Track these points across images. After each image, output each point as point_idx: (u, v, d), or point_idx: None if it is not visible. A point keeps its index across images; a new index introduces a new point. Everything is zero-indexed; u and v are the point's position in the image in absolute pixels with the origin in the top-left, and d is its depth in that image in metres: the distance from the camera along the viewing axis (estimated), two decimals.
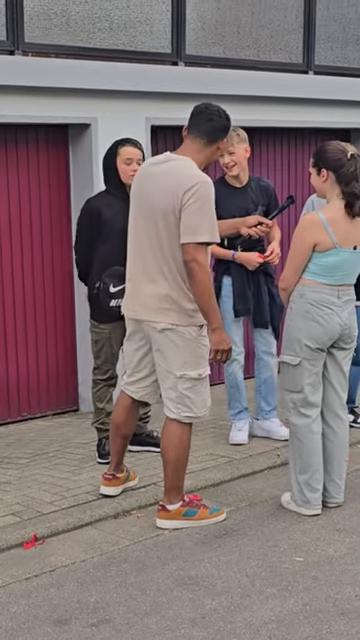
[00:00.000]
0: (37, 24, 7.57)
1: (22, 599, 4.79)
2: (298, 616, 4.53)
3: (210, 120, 5.49)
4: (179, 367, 5.53)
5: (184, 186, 5.27)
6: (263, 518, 5.83)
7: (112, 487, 6.07)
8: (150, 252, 5.49)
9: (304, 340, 5.69)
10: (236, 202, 6.92)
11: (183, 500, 5.74)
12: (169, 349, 5.52)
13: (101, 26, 7.98)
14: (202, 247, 5.31)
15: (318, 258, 5.63)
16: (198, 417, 5.67)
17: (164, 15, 8.39)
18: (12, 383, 7.92)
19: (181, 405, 5.59)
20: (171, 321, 5.46)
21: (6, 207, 7.71)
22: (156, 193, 5.41)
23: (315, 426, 5.80)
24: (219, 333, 5.49)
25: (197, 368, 5.55)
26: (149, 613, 4.60)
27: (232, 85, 8.65)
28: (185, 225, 5.29)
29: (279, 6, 9.38)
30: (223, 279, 7.04)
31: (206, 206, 5.29)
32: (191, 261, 5.30)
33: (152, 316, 5.52)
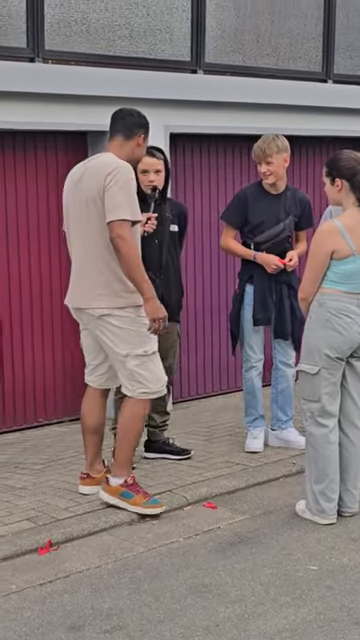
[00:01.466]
0: (57, 31, 7.60)
1: (36, 605, 4.80)
2: (312, 625, 4.52)
3: (122, 119, 5.93)
4: (123, 347, 5.79)
5: (105, 171, 5.66)
6: (278, 526, 5.82)
7: (86, 486, 6.21)
8: (82, 242, 5.84)
9: (324, 349, 5.68)
10: (268, 208, 6.97)
11: (126, 480, 5.91)
12: (111, 333, 5.81)
13: (121, 34, 8.01)
14: (125, 224, 5.61)
15: (336, 266, 5.63)
16: (154, 392, 5.88)
17: (184, 23, 8.42)
18: (28, 389, 7.94)
19: (134, 382, 5.84)
20: (107, 306, 5.75)
21: (25, 213, 7.74)
22: (83, 185, 5.78)
23: (332, 436, 5.79)
24: (152, 302, 5.71)
25: (141, 346, 5.79)
26: (163, 620, 4.60)
27: (251, 93, 8.67)
28: (108, 205, 5.61)
29: (299, 14, 9.38)
30: (246, 287, 7.06)
31: (126, 187, 5.63)
32: (116, 237, 5.60)
33: (88, 303, 5.83)
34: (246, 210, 6.97)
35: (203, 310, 9.02)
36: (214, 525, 5.85)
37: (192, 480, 6.47)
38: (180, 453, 6.97)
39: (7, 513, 5.88)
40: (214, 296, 9.09)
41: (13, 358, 7.85)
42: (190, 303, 8.88)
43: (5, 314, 7.76)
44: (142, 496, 5.92)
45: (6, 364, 7.81)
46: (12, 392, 7.88)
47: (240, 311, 7.09)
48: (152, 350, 5.83)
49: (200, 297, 8.99)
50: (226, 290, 9.08)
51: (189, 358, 8.96)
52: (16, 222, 7.72)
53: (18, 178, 7.70)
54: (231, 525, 5.86)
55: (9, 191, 7.66)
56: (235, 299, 7.17)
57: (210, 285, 9.06)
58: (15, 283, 7.77)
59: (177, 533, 5.71)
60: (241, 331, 7.13)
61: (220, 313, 9.08)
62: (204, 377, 9.13)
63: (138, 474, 6.55)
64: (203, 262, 8.97)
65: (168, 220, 6.67)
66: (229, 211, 7.11)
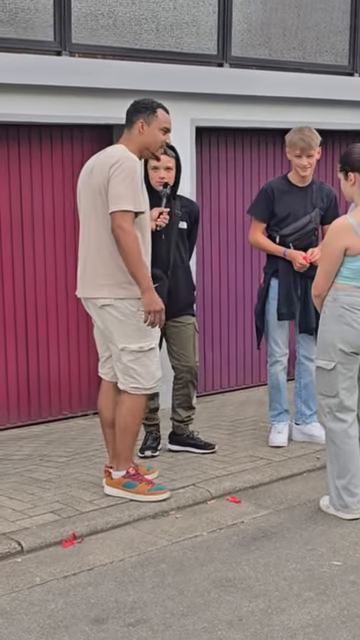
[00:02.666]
0: (84, 25, 7.61)
1: (60, 597, 4.82)
2: (335, 621, 4.52)
3: (127, 114, 5.98)
4: (120, 340, 5.84)
5: (110, 162, 5.70)
6: (302, 521, 5.82)
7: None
8: (89, 231, 5.89)
9: (338, 344, 5.68)
10: (295, 201, 6.97)
11: (127, 471, 5.97)
12: (110, 323, 5.86)
13: (147, 27, 8.01)
14: (127, 215, 5.63)
15: (350, 262, 5.62)
16: (147, 389, 5.92)
17: (210, 17, 8.40)
18: (53, 382, 7.97)
19: (127, 376, 5.90)
20: (109, 296, 5.80)
21: (51, 205, 7.76)
22: (92, 176, 5.82)
23: (352, 430, 5.78)
24: (149, 294, 5.73)
25: (139, 341, 5.83)
26: (186, 614, 4.61)
27: (277, 87, 8.65)
28: (111, 195, 5.66)
29: (325, 8, 9.35)
30: (271, 281, 7.06)
31: (129, 178, 5.65)
32: (116, 228, 5.64)
33: (91, 293, 5.91)
34: (272, 203, 6.97)
35: (228, 304, 9.02)
36: (238, 519, 5.86)
37: (216, 474, 6.48)
38: (204, 447, 6.98)
39: (32, 505, 5.91)
40: (239, 290, 9.09)
41: (39, 352, 7.87)
42: (215, 297, 8.88)
43: (30, 309, 7.78)
44: (145, 484, 6.00)
45: (31, 358, 7.84)
46: (37, 385, 7.91)
47: (265, 305, 7.09)
48: (149, 347, 5.86)
49: (225, 291, 8.98)
50: (251, 284, 9.07)
51: (213, 352, 8.96)
52: (42, 216, 7.74)
53: (44, 171, 7.72)
54: (255, 519, 5.86)
55: (35, 183, 7.68)
56: (260, 293, 7.16)
57: (235, 279, 9.05)
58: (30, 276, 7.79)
59: (201, 527, 5.72)
60: (266, 325, 7.13)
61: (245, 307, 9.08)
62: (228, 371, 9.13)
63: (162, 467, 6.58)
64: (228, 256, 8.97)
65: (177, 217, 6.69)
66: (256, 205, 7.10)
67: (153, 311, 5.73)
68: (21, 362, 7.81)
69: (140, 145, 5.89)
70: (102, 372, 6.23)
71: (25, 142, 7.61)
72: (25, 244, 7.70)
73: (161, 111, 5.94)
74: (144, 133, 5.89)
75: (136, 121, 5.89)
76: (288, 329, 7.18)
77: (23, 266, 7.71)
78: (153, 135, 5.92)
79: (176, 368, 6.87)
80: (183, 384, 6.88)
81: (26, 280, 7.74)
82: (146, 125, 5.88)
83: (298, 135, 6.89)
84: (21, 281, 7.72)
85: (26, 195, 7.65)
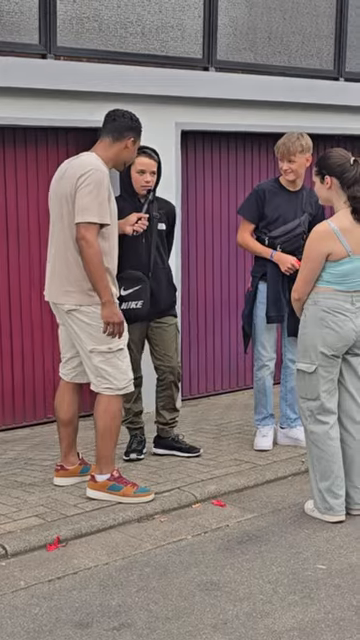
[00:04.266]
0: (69, 28, 7.60)
1: (44, 601, 4.80)
2: (320, 624, 4.52)
3: (113, 120, 6.01)
4: (89, 342, 5.93)
5: (79, 172, 5.78)
6: (286, 525, 5.82)
7: (61, 478, 6.36)
8: (57, 237, 5.96)
9: (319, 347, 5.69)
10: (285, 204, 6.98)
11: (112, 474, 6.01)
12: (77, 327, 5.95)
13: (133, 31, 8.00)
14: (92, 227, 5.71)
15: (332, 267, 5.63)
16: (119, 389, 5.98)
17: (196, 20, 8.41)
18: (38, 385, 7.95)
19: (100, 377, 5.97)
20: (74, 302, 5.90)
21: (36, 208, 7.75)
22: (62, 182, 5.91)
23: (333, 432, 5.79)
24: (109, 307, 5.82)
25: (107, 342, 5.91)
26: (170, 618, 4.60)
27: (263, 91, 8.66)
28: (77, 206, 5.74)
29: (311, 12, 9.37)
30: (259, 285, 7.06)
31: (97, 190, 5.72)
32: (81, 239, 5.72)
33: (59, 298, 5.99)
34: (263, 205, 6.98)
35: (213, 308, 9.02)
36: (223, 523, 5.85)
37: (201, 478, 6.47)
38: (189, 450, 6.98)
39: (16, 509, 5.89)
40: (224, 293, 9.09)
41: (23, 355, 7.85)
42: (200, 300, 8.88)
43: (15, 313, 7.76)
44: (131, 486, 6.03)
45: (15, 361, 7.82)
46: (22, 389, 7.89)
47: (253, 309, 7.09)
48: (117, 347, 5.92)
49: (210, 294, 8.98)
50: (236, 287, 9.08)
51: (199, 356, 8.96)
52: (27, 219, 7.73)
53: (29, 174, 7.71)
54: (240, 523, 5.86)
55: (20, 187, 7.67)
56: (248, 297, 7.16)
57: (220, 282, 9.05)
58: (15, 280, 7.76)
59: (186, 531, 5.71)
60: (254, 329, 7.13)
61: (230, 311, 9.08)
62: (213, 375, 9.13)
63: (147, 471, 6.57)
64: (214, 260, 8.97)
65: (155, 219, 6.70)
66: (246, 206, 7.11)
67: (112, 323, 5.83)
68: (5, 366, 7.79)
69: (120, 159, 6.02)
70: (62, 372, 6.33)
71: (10, 145, 7.59)
72: (10, 248, 7.68)
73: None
74: (130, 150, 6.03)
75: (127, 136, 5.97)
76: (275, 333, 7.18)
77: (8, 270, 7.69)
78: (133, 154, 6.11)
79: (159, 369, 6.88)
80: (166, 385, 6.88)
81: (11, 284, 7.72)
82: (133, 144, 6.02)
83: (282, 140, 6.94)
84: (6, 285, 7.70)
85: (11, 199, 7.64)
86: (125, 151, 5.99)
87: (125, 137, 5.96)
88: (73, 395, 6.30)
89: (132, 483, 6.07)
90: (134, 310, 6.50)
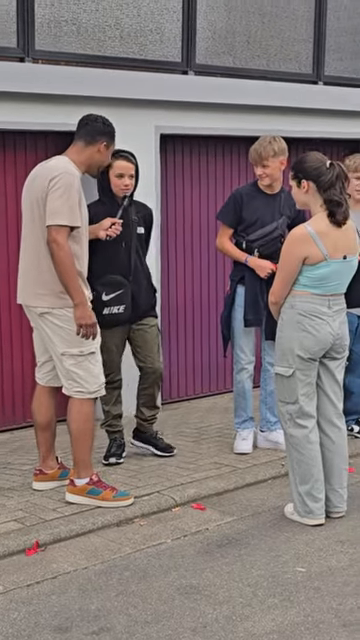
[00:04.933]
0: (48, 32, 7.59)
1: (23, 606, 4.78)
2: (300, 627, 4.52)
3: (86, 124, 6.04)
4: (60, 345, 5.92)
5: (50, 175, 5.79)
6: (266, 528, 5.82)
7: (39, 482, 6.34)
8: (27, 240, 5.98)
9: (296, 350, 5.69)
10: (263, 207, 6.96)
11: (91, 478, 6.00)
12: (50, 330, 5.94)
13: (111, 34, 8.00)
14: (62, 229, 5.73)
15: (309, 271, 5.63)
16: (91, 392, 5.97)
17: (174, 24, 8.41)
18: (17, 389, 7.93)
19: (71, 381, 5.97)
20: (46, 305, 5.90)
21: (14, 212, 7.72)
22: (33, 186, 5.93)
23: (312, 436, 5.79)
24: (81, 308, 5.82)
25: (79, 346, 5.90)
26: (150, 622, 4.59)
27: (242, 95, 8.68)
28: (48, 209, 5.75)
29: (289, 16, 9.39)
30: (237, 288, 7.06)
31: (68, 193, 5.74)
32: (52, 242, 5.73)
33: (31, 301, 6.00)
34: (241, 209, 6.98)
35: (193, 311, 9.02)
36: (202, 526, 5.84)
37: (180, 481, 6.46)
38: (164, 449, 7.02)
39: None
40: (204, 297, 9.09)
41: (2, 359, 7.83)
42: (180, 304, 8.88)
43: None
44: (110, 490, 6.02)
45: None
46: (0, 393, 7.86)
47: (231, 312, 7.09)
48: (89, 350, 5.92)
49: (190, 297, 8.98)
50: (216, 291, 9.08)
51: (178, 359, 8.96)
52: (5, 223, 7.70)
53: (7, 179, 7.68)
54: (219, 526, 5.86)
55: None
56: (227, 300, 7.16)
57: (200, 286, 9.05)
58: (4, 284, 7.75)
59: (165, 534, 5.70)
60: (232, 332, 7.13)
61: (210, 314, 9.08)
62: (193, 378, 9.12)
63: (126, 475, 6.56)
64: (193, 263, 8.97)
65: (134, 222, 6.71)
66: (225, 211, 7.10)
67: (85, 325, 5.82)
68: None
69: (92, 163, 6.02)
70: (37, 376, 6.32)
71: None
72: None
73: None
74: (102, 154, 6.03)
75: (99, 140, 5.98)
76: (254, 336, 7.18)
77: None
78: (107, 158, 6.11)
79: (143, 369, 6.89)
80: (149, 384, 6.90)
81: None
82: (106, 148, 6.03)
83: (254, 145, 6.93)
84: None
85: None
86: (98, 155, 6.00)
87: (97, 141, 5.98)
88: (50, 399, 6.29)
89: (111, 487, 6.06)
90: (116, 315, 6.52)
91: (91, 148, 5.97)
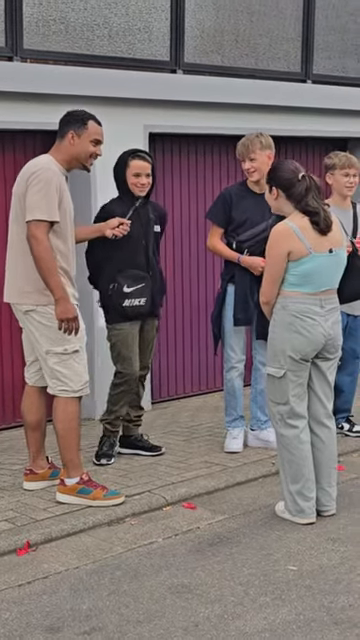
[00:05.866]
0: (36, 30, 7.57)
1: (14, 606, 4.77)
2: (291, 625, 4.52)
3: (59, 123, 6.05)
4: (45, 344, 5.90)
5: (29, 172, 5.83)
6: (257, 526, 5.82)
7: (30, 482, 6.32)
8: (13, 237, 5.98)
9: (288, 352, 5.68)
10: (252, 207, 6.93)
11: (81, 478, 5.97)
12: (35, 328, 5.93)
13: (100, 33, 7.99)
14: (41, 224, 5.71)
15: (294, 267, 5.63)
16: (75, 391, 5.94)
17: (163, 23, 8.40)
18: (7, 389, 7.91)
19: (55, 380, 5.94)
20: (31, 302, 5.88)
21: (3, 212, 7.70)
22: (17, 183, 5.95)
23: (303, 436, 5.79)
24: (62, 303, 5.77)
25: (63, 344, 5.87)
26: (142, 621, 4.58)
27: (230, 93, 8.67)
28: (27, 205, 5.76)
29: (278, 15, 9.39)
30: (228, 287, 7.05)
31: (46, 188, 5.73)
32: (31, 237, 5.73)
33: (16, 299, 5.99)
34: (230, 209, 6.97)
35: (182, 310, 9.02)
36: (193, 525, 5.84)
37: (171, 480, 6.46)
38: (151, 449, 7.02)
39: None
40: (193, 296, 9.09)
41: None
42: (170, 303, 8.87)
43: None
44: (100, 489, 6.00)
45: None
46: None
47: (222, 311, 7.09)
48: (73, 349, 5.90)
49: (180, 297, 8.98)
50: (205, 290, 9.08)
51: (168, 358, 8.95)
52: None
53: None
54: (210, 525, 5.85)
55: None
56: (217, 299, 7.16)
57: (190, 285, 9.05)
58: None
59: (156, 533, 5.70)
60: (222, 331, 7.12)
61: (199, 313, 9.08)
62: (183, 377, 9.12)
63: (117, 474, 6.55)
64: (182, 262, 8.97)
65: (152, 221, 6.74)
66: (214, 210, 7.10)
67: (66, 319, 5.80)
68: None
69: (69, 156, 5.97)
70: (26, 376, 6.30)
71: None
72: None
73: (92, 123, 6.01)
74: (74, 144, 5.96)
75: (67, 132, 5.96)
76: (245, 335, 7.17)
77: None
78: (83, 146, 5.98)
79: None
80: (137, 384, 6.88)
81: None
82: (76, 137, 5.95)
83: (242, 140, 6.95)
84: None
85: None
86: (71, 147, 5.95)
87: (66, 133, 5.95)
88: (39, 399, 6.26)
89: (102, 486, 6.05)
90: (137, 307, 6.61)
91: (63, 142, 5.96)
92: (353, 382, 7.60)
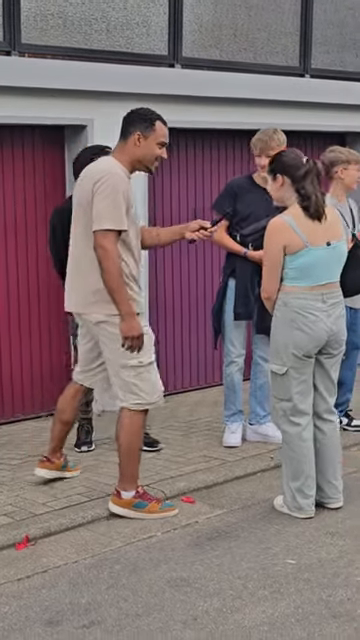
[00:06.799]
0: (34, 25, 7.56)
1: (14, 600, 4.78)
2: (290, 619, 4.52)
3: (123, 123, 5.73)
4: (119, 356, 5.64)
5: (94, 178, 5.51)
6: (256, 520, 5.82)
7: (45, 469, 6.24)
8: (78, 246, 5.71)
9: (290, 349, 5.68)
10: (257, 200, 6.87)
11: (137, 491, 5.82)
12: (107, 339, 5.67)
13: (98, 27, 7.97)
14: (109, 234, 5.45)
15: (291, 261, 5.62)
16: (150, 403, 5.76)
17: (161, 17, 8.39)
18: (6, 383, 7.91)
19: (128, 393, 5.70)
20: (103, 312, 5.61)
21: (2, 207, 7.70)
22: (80, 189, 5.67)
23: (305, 433, 5.79)
24: (128, 320, 5.53)
25: (137, 356, 5.63)
26: (141, 615, 4.59)
27: (228, 88, 8.66)
28: (94, 213, 5.48)
29: (276, 9, 9.38)
30: (229, 281, 7.04)
31: (112, 195, 5.45)
32: (98, 247, 5.46)
33: (86, 309, 5.71)
34: (235, 201, 6.94)
35: (181, 304, 9.02)
36: (192, 519, 5.85)
37: (170, 475, 6.47)
38: (151, 444, 7.01)
39: None
40: (192, 290, 9.08)
41: None
42: (168, 297, 8.87)
43: None
44: (155, 503, 5.86)
45: None
46: None
47: (222, 305, 7.07)
48: (148, 360, 5.68)
49: (178, 291, 8.97)
50: (204, 284, 9.08)
51: (167, 353, 8.95)
52: None
53: None
54: (209, 519, 5.86)
55: None
56: (218, 293, 7.15)
57: (188, 279, 9.05)
58: None
59: (155, 528, 5.70)
60: (222, 325, 7.11)
61: (197, 307, 9.08)
62: (182, 372, 9.12)
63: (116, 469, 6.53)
64: (181, 256, 8.96)
65: None
66: (220, 201, 7.06)
67: (131, 337, 5.54)
68: None
69: (134, 158, 5.66)
70: (78, 377, 6.10)
71: None
72: None
73: (159, 123, 5.69)
74: (140, 146, 5.64)
75: (133, 133, 5.63)
76: (245, 330, 7.16)
77: None
78: (149, 149, 5.67)
79: None
80: None
81: None
82: (143, 138, 5.63)
83: (259, 135, 6.92)
84: None
85: None
86: (136, 150, 5.63)
87: (131, 134, 5.62)
88: (82, 397, 6.20)
89: (156, 499, 5.92)
90: None
91: (128, 142, 5.63)
92: (352, 375, 7.59)
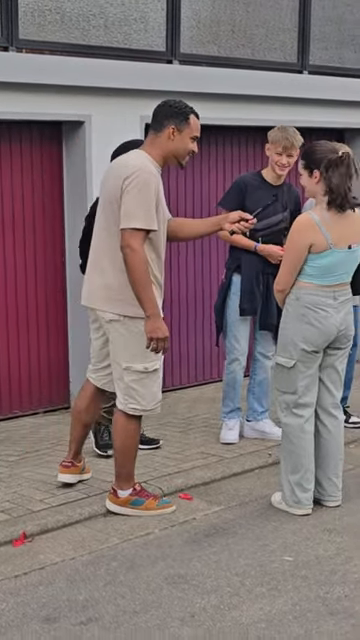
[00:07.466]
0: (31, 21, 7.55)
1: (11, 597, 4.77)
2: (287, 616, 4.52)
3: (155, 114, 5.61)
4: (125, 359, 5.56)
5: (125, 174, 5.35)
6: (253, 517, 5.82)
7: (70, 474, 6.12)
8: (100, 241, 5.59)
9: (299, 343, 5.68)
10: (266, 198, 6.75)
11: (134, 489, 5.80)
12: (117, 340, 5.58)
13: (96, 23, 7.96)
14: (137, 233, 5.31)
15: (313, 260, 5.62)
16: (147, 410, 5.69)
17: (159, 13, 8.38)
18: (3, 379, 7.90)
19: (128, 397, 5.63)
20: (118, 312, 5.50)
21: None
22: (107, 184, 5.53)
23: (307, 426, 5.79)
24: (154, 320, 5.41)
25: (144, 361, 5.55)
26: (138, 611, 4.59)
27: (226, 84, 8.65)
28: (122, 211, 5.33)
29: (274, 5, 9.37)
30: (233, 277, 7.01)
31: (143, 193, 5.31)
32: (125, 247, 5.32)
33: (100, 305, 5.58)
34: (244, 197, 6.90)
35: (179, 301, 9.01)
36: (190, 516, 5.84)
37: (167, 471, 6.46)
38: (149, 442, 6.99)
39: None
40: (190, 287, 9.08)
41: None
42: (167, 295, 8.84)
43: None
44: (152, 499, 5.85)
45: None
46: None
47: (226, 301, 7.04)
48: (154, 367, 5.59)
49: (176, 287, 8.97)
50: (202, 282, 9.07)
51: None
52: None
53: None
54: (207, 516, 5.86)
55: None
56: (221, 289, 7.12)
57: (186, 275, 9.04)
58: None
59: (152, 524, 5.69)
60: (225, 322, 7.09)
61: (196, 304, 9.07)
62: (180, 368, 9.12)
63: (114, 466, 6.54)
64: (179, 252, 8.95)
65: None
66: (227, 198, 7.00)
67: (156, 338, 5.43)
68: None
69: (167, 152, 5.55)
70: (92, 376, 5.97)
71: None
72: None
73: (193, 117, 5.58)
74: (174, 140, 5.52)
75: (167, 126, 5.50)
76: (249, 326, 7.14)
77: None
78: (183, 143, 5.56)
79: None
80: None
81: None
82: (177, 132, 5.52)
83: (283, 133, 6.85)
84: None
85: None
86: (170, 143, 5.51)
87: (165, 127, 5.49)
88: (100, 400, 6.04)
89: (154, 496, 5.89)
90: None
91: (161, 135, 5.51)
92: (351, 371, 7.58)
